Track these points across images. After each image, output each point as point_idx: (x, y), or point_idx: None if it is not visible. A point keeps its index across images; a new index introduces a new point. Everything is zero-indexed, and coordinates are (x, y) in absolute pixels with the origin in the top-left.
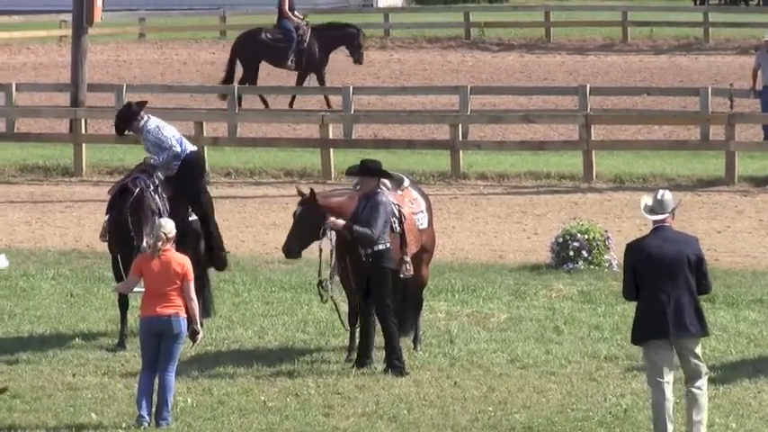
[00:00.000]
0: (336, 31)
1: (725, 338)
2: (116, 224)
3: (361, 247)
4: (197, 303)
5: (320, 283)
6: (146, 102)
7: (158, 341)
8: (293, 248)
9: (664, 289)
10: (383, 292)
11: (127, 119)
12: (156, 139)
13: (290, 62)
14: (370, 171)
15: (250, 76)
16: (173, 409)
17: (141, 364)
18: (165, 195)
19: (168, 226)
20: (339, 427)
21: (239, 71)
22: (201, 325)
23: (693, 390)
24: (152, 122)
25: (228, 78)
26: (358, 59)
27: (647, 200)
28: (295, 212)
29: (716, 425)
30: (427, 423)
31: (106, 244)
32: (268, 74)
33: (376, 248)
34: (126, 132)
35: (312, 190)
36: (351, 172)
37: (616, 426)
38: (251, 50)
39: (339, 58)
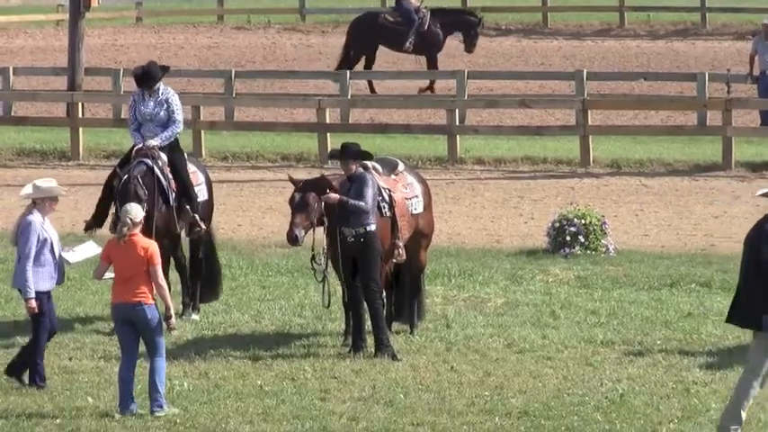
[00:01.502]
0: (456, 17)
1: (721, 324)
2: None
3: (351, 225)
4: (166, 288)
5: (313, 257)
6: (168, 67)
7: (133, 327)
8: (298, 235)
9: None
10: (370, 274)
11: (154, 77)
12: (174, 107)
13: (408, 45)
14: (351, 154)
15: (367, 61)
16: (168, 394)
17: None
18: (170, 175)
19: (134, 211)
20: (335, 412)
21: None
22: (198, 310)
23: None
24: (169, 89)
25: (344, 63)
26: (470, 48)
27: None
28: (293, 198)
29: (712, 410)
30: (423, 407)
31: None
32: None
33: (361, 230)
34: (140, 88)
35: (323, 175)
36: (333, 155)
37: (612, 411)
38: (368, 34)
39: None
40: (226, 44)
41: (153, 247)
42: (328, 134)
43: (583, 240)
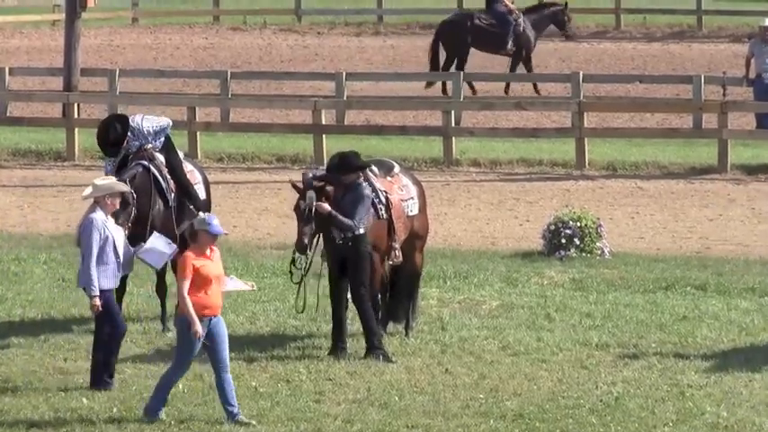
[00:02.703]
0: (544, 11)
1: (716, 327)
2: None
3: (339, 230)
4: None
5: (293, 261)
6: (126, 116)
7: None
8: (308, 244)
9: None
10: (359, 276)
11: (122, 140)
12: (155, 127)
13: (509, 47)
14: (350, 167)
15: (459, 63)
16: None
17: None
18: (168, 176)
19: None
20: (330, 414)
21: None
22: None
23: None
24: (134, 120)
25: (434, 65)
26: (568, 35)
27: None
28: (298, 206)
29: (707, 413)
30: (418, 410)
31: None
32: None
33: (349, 233)
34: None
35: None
36: (331, 168)
37: (607, 413)
38: (461, 35)
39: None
40: (221, 45)
41: (180, 258)
42: (324, 135)
43: (578, 243)
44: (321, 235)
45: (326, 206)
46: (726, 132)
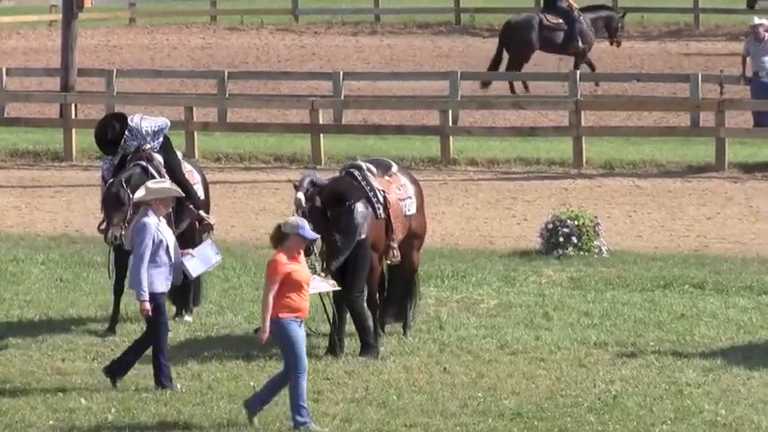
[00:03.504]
0: (600, 12)
1: (714, 325)
2: None
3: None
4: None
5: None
6: (124, 115)
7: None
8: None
9: None
10: (354, 281)
11: (119, 139)
12: (154, 127)
13: (580, 46)
14: (340, 201)
15: (518, 63)
16: (161, 396)
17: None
18: (167, 176)
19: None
20: (329, 413)
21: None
22: (190, 312)
23: None
24: (133, 119)
25: (494, 65)
26: (618, 42)
27: None
28: (300, 211)
29: (705, 411)
30: (416, 409)
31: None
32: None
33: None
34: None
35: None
36: (325, 201)
37: (605, 412)
38: (528, 38)
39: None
40: (219, 45)
41: (270, 262)
42: (321, 135)
43: (576, 241)
44: (324, 240)
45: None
46: (723, 131)
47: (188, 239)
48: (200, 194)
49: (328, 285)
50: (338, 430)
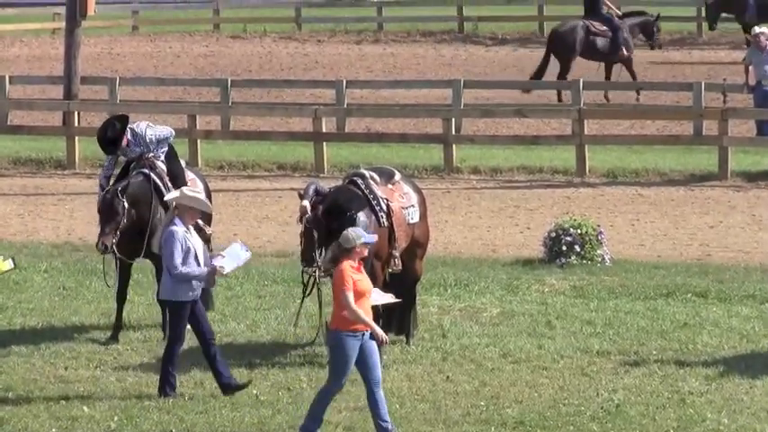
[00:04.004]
0: (637, 19)
1: (717, 334)
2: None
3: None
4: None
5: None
6: (127, 117)
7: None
8: (313, 257)
9: None
10: None
11: (119, 139)
12: (158, 135)
13: (625, 53)
14: (341, 212)
15: (566, 70)
16: (163, 404)
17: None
18: (170, 185)
19: None
20: (332, 421)
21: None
22: None
23: None
24: (139, 126)
25: (540, 73)
26: (654, 45)
27: None
28: (306, 219)
29: (708, 420)
30: (419, 417)
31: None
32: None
33: None
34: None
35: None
36: (326, 212)
37: (608, 421)
38: (574, 43)
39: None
40: (222, 53)
41: (337, 272)
42: (324, 143)
43: (579, 250)
44: (323, 247)
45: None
46: (726, 139)
47: None
48: None
49: (388, 297)
50: None
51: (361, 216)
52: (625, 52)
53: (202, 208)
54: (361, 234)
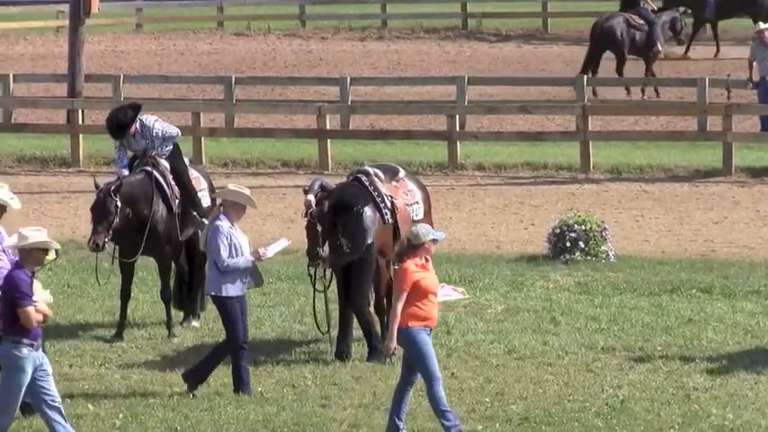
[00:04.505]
0: (668, 15)
1: (722, 329)
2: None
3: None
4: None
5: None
6: (140, 106)
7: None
8: (318, 252)
9: None
10: (359, 287)
11: (128, 124)
12: (164, 131)
13: (658, 48)
14: (347, 207)
15: (623, 64)
16: (168, 401)
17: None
18: (173, 183)
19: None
20: (336, 419)
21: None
22: (198, 317)
23: None
24: (149, 119)
25: (586, 68)
26: (681, 39)
27: None
28: (310, 213)
29: (713, 416)
30: (424, 414)
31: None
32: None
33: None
34: (117, 138)
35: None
36: (332, 207)
37: (613, 417)
38: (616, 37)
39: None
40: (226, 50)
41: (400, 271)
42: (329, 140)
43: (583, 246)
44: (328, 243)
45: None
46: (730, 135)
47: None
48: (206, 201)
49: (458, 293)
50: None
51: (368, 211)
52: (659, 48)
53: (246, 203)
54: (429, 231)
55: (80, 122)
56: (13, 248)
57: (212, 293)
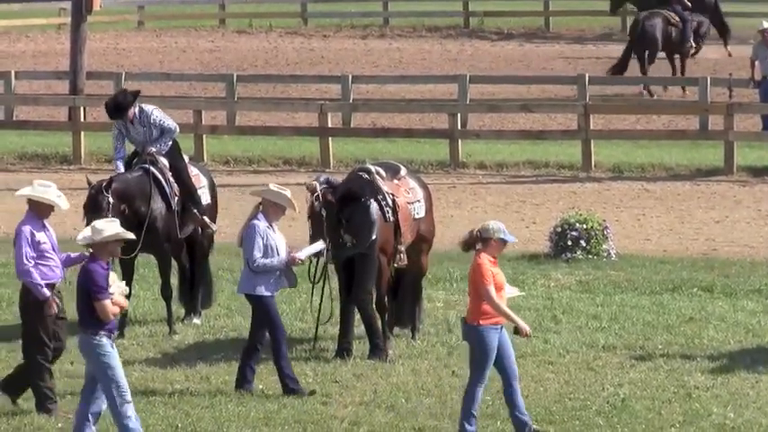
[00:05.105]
0: (695, 16)
1: (723, 328)
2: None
3: (350, 232)
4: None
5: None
6: (139, 91)
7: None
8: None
9: None
10: (363, 284)
11: (126, 107)
12: (162, 121)
13: (692, 46)
14: (354, 198)
15: (652, 60)
16: (169, 398)
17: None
18: (172, 180)
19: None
20: (337, 416)
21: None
22: (199, 314)
23: None
24: (148, 107)
25: (621, 68)
26: (698, 42)
27: None
28: (315, 202)
29: (714, 414)
30: (425, 412)
31: None
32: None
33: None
34: (114, 120)
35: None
36: (340, 199)
37: (614, 415)
38: (656, 36)
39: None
40: (227, 48)
41: (476, 267)
42: (330, 138)
43: (584, 245)
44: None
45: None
46: (732, 134)
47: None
48: (206, 199)
49: (517, 291)
50: None
51: (374, 203)
52: (693, 46)
53: (287, 205)
54: (501, 228)
55: (82, 120)
56: (86, 242)
57: (245, 293)
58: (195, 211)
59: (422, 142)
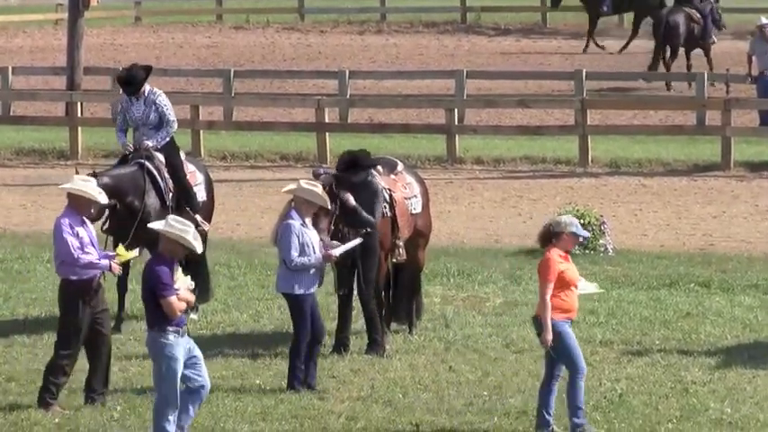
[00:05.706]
0: (708, 5)
1: (720, 323)
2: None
3: (355, 226)
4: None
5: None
6: (151, 67)
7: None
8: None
9: None
10: (366, 277)
11: (138, 83)
12: (164, 108)
13: (712, 41)
14: (360, 166)
15: (674, 59)
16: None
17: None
18: (167, 176)
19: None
20: (334, 411)
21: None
22: (196, 309)
23: None
24: (158, 89)
25: (656, 64)
26: (722, 26)
27: None
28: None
29: (711, 410)
30: (422, 407)
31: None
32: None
33: (362, 231)
34: (125, 92)
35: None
36: (340, 167)
37: (611, 410)
38: (679, 32)
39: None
40: (224, 44)
41: (543, 261)
42: (327, 134)
43: (582, 240)
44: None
45: (351, 199)
46: (729, 129)
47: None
48: (202, 196)
49: (593, 287)
50: (344, 428)
51: (379, 168)
52: (714, 40)
53: (320, 202)
54: (573, 222)
55: (79, 115)
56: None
57: (282, 292)
58: (188, 209)
59: (419, 138)
